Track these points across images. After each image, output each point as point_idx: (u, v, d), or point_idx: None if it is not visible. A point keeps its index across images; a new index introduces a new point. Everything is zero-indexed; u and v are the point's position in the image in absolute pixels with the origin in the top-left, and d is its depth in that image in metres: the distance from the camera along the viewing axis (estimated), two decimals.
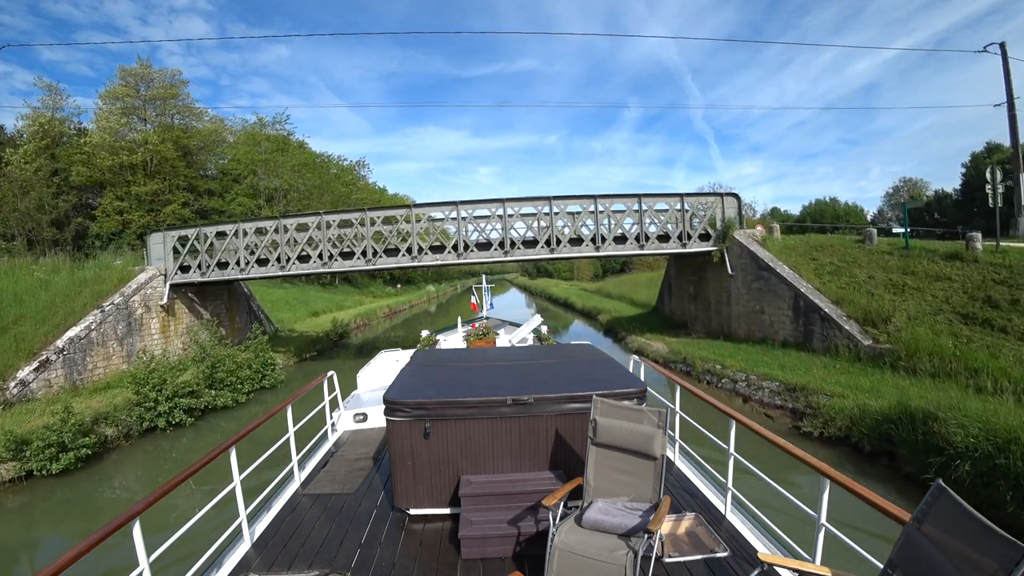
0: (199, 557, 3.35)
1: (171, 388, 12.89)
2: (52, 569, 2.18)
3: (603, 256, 16.88)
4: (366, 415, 6.68)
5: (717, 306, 18.15)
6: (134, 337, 16.40)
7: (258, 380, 16.09)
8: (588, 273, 79.15)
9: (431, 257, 15.88)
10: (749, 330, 16.55)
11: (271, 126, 41.90)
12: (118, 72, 36.96)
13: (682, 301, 21.10)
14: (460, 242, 15.81)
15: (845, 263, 15.97)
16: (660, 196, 16.83)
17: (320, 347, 23.21)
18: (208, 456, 3.45)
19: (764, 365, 13.57)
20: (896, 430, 8.81)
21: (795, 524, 3.77)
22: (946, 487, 2.10)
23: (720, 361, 14.47)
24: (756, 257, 16.07)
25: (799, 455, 3.20)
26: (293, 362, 20.29)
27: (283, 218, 16.58)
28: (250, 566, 3.51)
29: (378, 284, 52.79)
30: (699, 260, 18.99)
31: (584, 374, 4.68)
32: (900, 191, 63.49)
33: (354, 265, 16.07)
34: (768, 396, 12.22)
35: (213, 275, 17.23)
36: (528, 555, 3.47)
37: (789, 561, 2.73)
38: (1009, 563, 1.67)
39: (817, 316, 14.21)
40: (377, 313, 36.21)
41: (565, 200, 16.21)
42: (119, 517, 2.65)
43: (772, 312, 15.64)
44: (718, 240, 17.22)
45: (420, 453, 4.01)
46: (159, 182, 35.41)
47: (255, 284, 32.29)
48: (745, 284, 16.55)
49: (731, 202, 17.37)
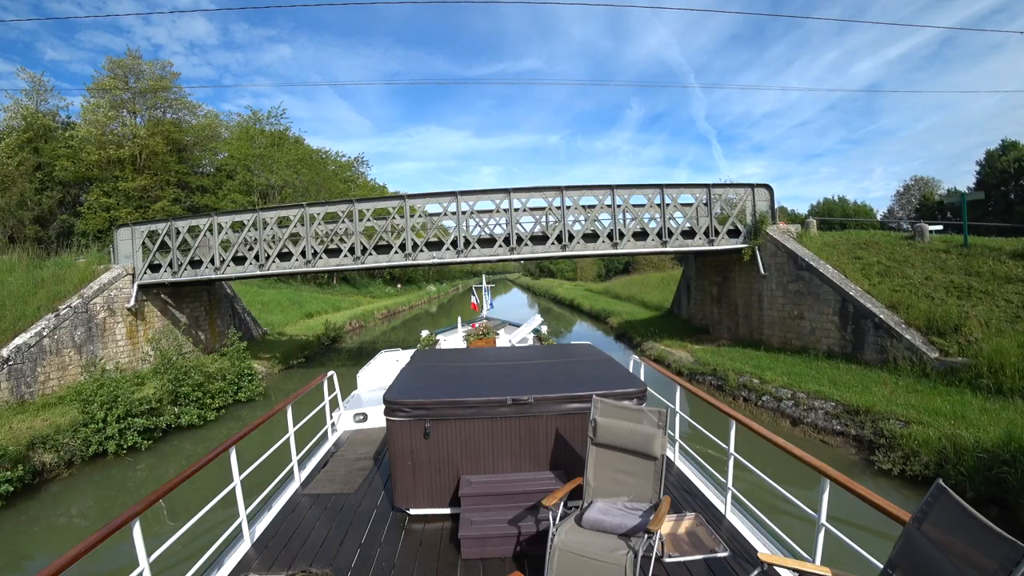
0: (199, 557, 3.30)
1: (124, 406, 10.97)
2: (52, 569, 2.16)
3: (621, 254, 14.91)
4: (366, 415, 6.57)
5: (746, 310, 16.16)
6: (95, 344, 14.47)
7: (232, 393, 14.17)
8: (591, 273, 76.96)
9: (427, 255, 13.91)
10: (785, 337, 14.56)
11: (266, 120, 39.90)
12: (106, 63, 35.15)
13: (703, 304, 19.09)
14: (460, 238, 13.84)
15: (895, 262, 13.96)
16: (685, 187, 14.84)
17: (309, 352, 21.25)
18: (208, 456, 3.42)
19: (811, 380, 11.59)
20: (1012, 473, 6.84)
21: (795, 524, 3.82)
22: (946, 487, 2.05)
23: (758, 374, 12.48)
24: (794, 255, 14.07)
25: (799, 455, 3.15)
26: (277, 370, 18.35)
27: (261, 211, 14.64)
28: (250, 566, 3.48)
29: (377, 284, 50.84)
30: (724, 259, 17.01)
31: (584, 374, 4.60)
32: (911, 190, 61.65)
33: (341, 263, 14.12)
34: (823, 419, 10.23)
35: (185, 275, 15.30)
36: (528, 555, 3.42)
37: (789, 561, 2.67)
38: (1009, 563, 1.66)
39: (870, 323, 12.21)
40: (374, 315, 34.21)
41: (579, 191, 14.21)
42: (119, 517, 2.63)
43: (813, 317, 13.65)
44: (749, 236, 15.23)
45: (420, 453, 3.96)
46: (148, 177, 33.64)
47: (245, 284, 30.50)
48: (780, 286, 14.56)
49: (763, 194, 15.38)
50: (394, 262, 13.89)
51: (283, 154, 37.59)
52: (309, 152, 42.23)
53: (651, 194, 14.50)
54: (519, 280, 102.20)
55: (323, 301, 34.35)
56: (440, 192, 13.89)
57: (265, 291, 31.16)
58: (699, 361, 14.64)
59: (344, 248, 14.09)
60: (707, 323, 18.74)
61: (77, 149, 31.32)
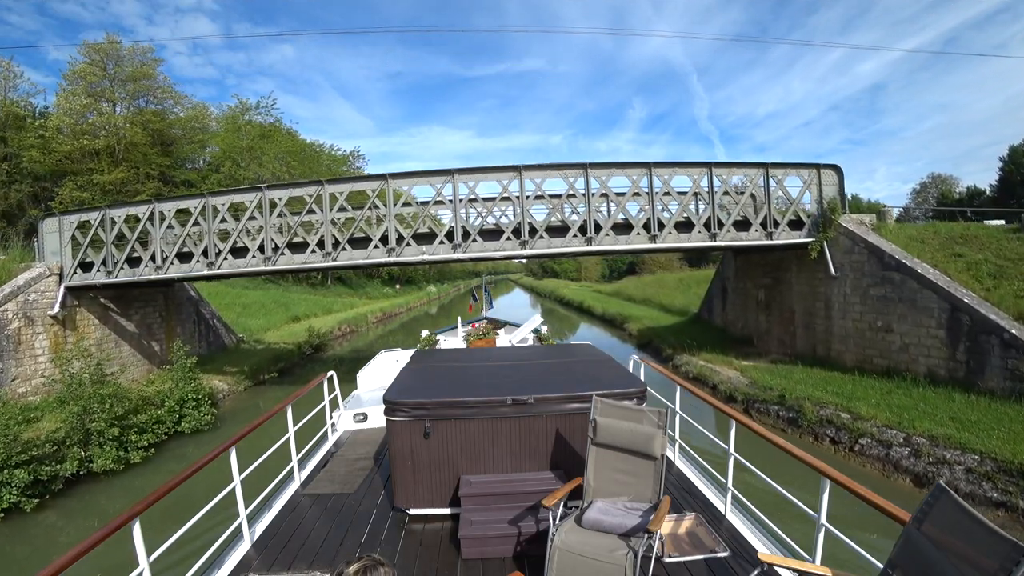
0: (199, 557, 3.24)
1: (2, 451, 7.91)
2: (52, 569, 2.13)
3: (659, 249, 11.78)
4: (366, 415, 6.39)
5: (807, 319, 13.01)
6: (6, 361, 11.38)
7: (173, 423, 11.09)
8: (596, 274, 73.37)
9: (415, 250, 10.78)
10: (863, 355, 11.42)
11: (254, 111, 36.79)
12: (81, 48, 32.15)
13: (744, 310, 15.93)
14: (457, 228, 10.70)
15: (1008, 261, 10.79)
16: (737, 166, 11.71)
17: (285, 364, 18.11)
18: (208, 456, 3.38)
19: (924, 417, 8.46)
20: None
21: (795, 524, 3.65)
22: (946, 487, 2.02)
23: (846, 406, 9.36)
24: (879, 252, 10.93)
25: (799, 455, 3.11)
26: (243, 387, 15.24)
27: (211, 195, 11.51)
28: (250, 566, 3.42)
29: (376, 284, 47.67)
30: (774, 256, 13.88)
31: (584, 374, 4.52)
32: (928, 188, 58.75)
33: (307, 261, 11.00)
34: (966, 480, 7.08)
35: (122, 275, 12.22)
36: (528, 555, 3.35)
37: (789, 561, 2.65)
38: (1009, 563, 1.63)
39: (994, 340, 9.07)
40: (368, 318, 31.03)
41: (606, 170, 11.04)
42: (119, 517, 2.58)
43: (906, 330, 10.50)
44: (814, 228, 12.09)
45: (420, 453, 3.88)
46: (126, 170, 30.62)
47: (227, 285, 27.35)
48: (858, 290, 11.42)
49: (831, 177, 12.24)
50: (373, 259, 10.78)
51: (272, 146, 34.50)
52: (302, 145, 39.09)
53: (696, 174, 11.35)
54: (521, 280, 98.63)
55: (313, 303, 31.22)
56: (431, 171, 10.73)
57: (249, 292, 28.04)
58: (755, 383, 11.51)
59: (312, 242, 10.97)
60: (749, 333, 15.59)
61: (49, 139, 28.39)
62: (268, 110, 37.98)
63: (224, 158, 34.08)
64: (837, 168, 12.23)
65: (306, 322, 25.92)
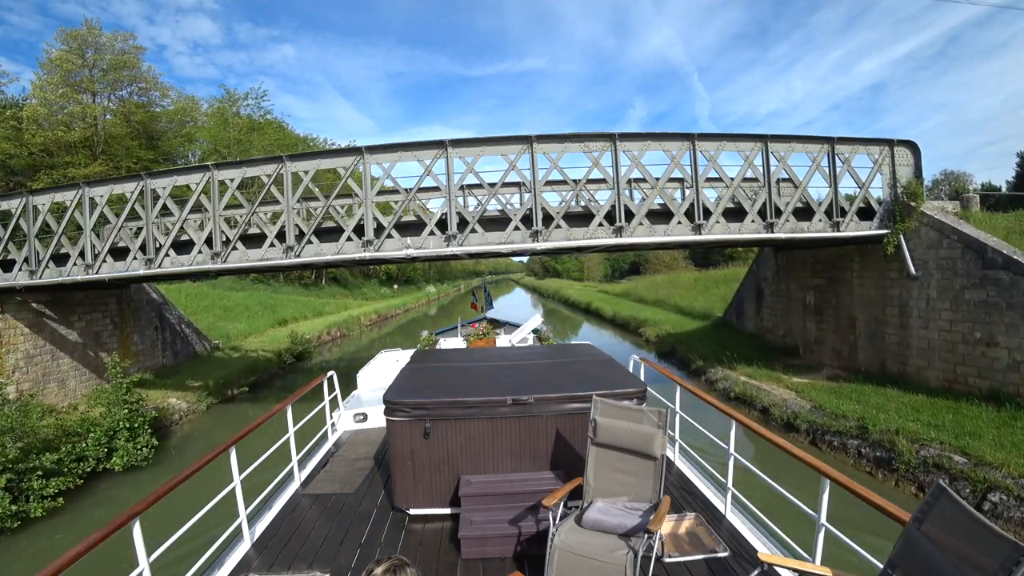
0: (199, 557, 3.17)
1: None
2: (52, 569, 2.07)
3: (704, 242, 9.43)
4: (366, 415, 6.29)
5: (873, 327, 10.69)
6: None
7: (100, 459, 8.79)
8: (598, 273, 70.71)
9: (399, 242, 8.46)
10: (954, 373, 9.10)
11: (243, 102, 34.52)
12: (58, 35, 29.91)
13: (788, 315, 13.60)
14: (451, 214, 8.36)
15: None
16: (797, 139, 9.37)
17: (260, 376, 15.79)
18: (208, 456, 3.30)
19: None
20: None
21: (795, 524, 3.50)
22: (946, 487, 1.94)
23: (957, 445, 7.05)
24: (979, 246, 8.61)
25: (799, 455, 3.04)
26: (206, 405, 12.93)
27: (149, 177, 9.21)
28: (250, 566, 3.36)
29: (372, 284, 45.39)
30: (829, 252, 11.58)
31: (584, 374, 4.45)
32: (940, 184, 56.71)
33: (264, 257, 8.69)
34: None
35: (47, 275, 9.92)
36: (528, 555, 3.30)
37: (789, 561, 2.60)
38: (1009, 563, 1.57)
39: None
40: (360, 321, 28.68)
41: (640, 141, 8.69)
42: (119, 517, 2.53)
43: (1019, 344, 8.19)
44: (887, 218, 9.79)
45: (420, 453, 3.82)
46: (104, 164, 28.43)
47: (209, 285, 25.05)
48: (947, 292, 9.11)
49: (905, 156, 9.93)
50: (346, 254, 8.46)
51: (261, 139, 32.25)
52: (293, 139, 36.80)
53: (748, 149, 9.02)
54: (523, 280, 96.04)
55: (304, 305, 28.90)
56: (419, 142, 8.40)
57: (232, 293, 25.75)
58: (820, 408, 9.18)
59: (271, 234, 8.64)
60: (793, 342, 13.26)
61: (22, 130, 26.23)
62: (259, 103, 35.77)
63: (211, 152, 31.86)
64: (913, 145, 9.93)
65: (293, 325, 23.62)
